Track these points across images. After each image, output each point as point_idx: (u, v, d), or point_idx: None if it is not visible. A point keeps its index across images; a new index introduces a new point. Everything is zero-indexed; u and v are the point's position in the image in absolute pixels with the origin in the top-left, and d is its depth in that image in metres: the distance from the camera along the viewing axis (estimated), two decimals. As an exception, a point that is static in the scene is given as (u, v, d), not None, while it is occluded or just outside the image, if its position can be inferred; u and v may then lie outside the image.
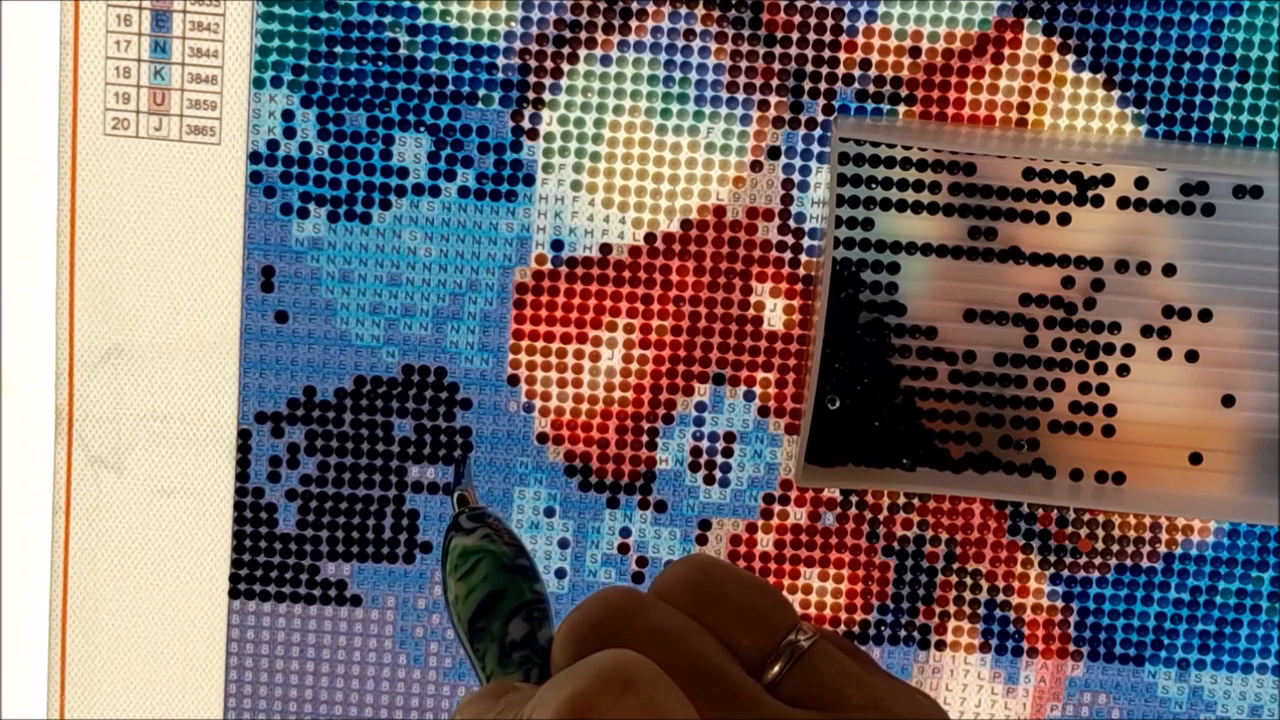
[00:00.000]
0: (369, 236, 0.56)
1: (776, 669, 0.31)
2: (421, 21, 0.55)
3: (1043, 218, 0.55)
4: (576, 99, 0.55)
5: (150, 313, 0.57)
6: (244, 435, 0.57)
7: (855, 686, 0.31)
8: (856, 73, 0.55)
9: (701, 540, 0.58)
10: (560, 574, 0.58)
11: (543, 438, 0.57)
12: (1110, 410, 0.56)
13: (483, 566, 0.37)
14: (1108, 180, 0.55)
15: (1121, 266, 0.55)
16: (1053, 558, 0.58)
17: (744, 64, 0.55)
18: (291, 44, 0.55)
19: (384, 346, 0.57)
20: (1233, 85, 0.55)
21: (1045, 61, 0.54)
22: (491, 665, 0.36)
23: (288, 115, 0.55)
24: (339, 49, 0.55)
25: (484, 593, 0.36)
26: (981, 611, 0.58)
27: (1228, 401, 0.56)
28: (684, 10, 0.54)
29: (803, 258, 0.56)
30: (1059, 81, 0.55)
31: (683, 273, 0.56)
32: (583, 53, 0.55)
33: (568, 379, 0.57)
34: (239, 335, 0.57)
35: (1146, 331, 0.56)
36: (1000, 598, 0.58)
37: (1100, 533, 0.57)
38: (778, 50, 0.55)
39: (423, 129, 0.55)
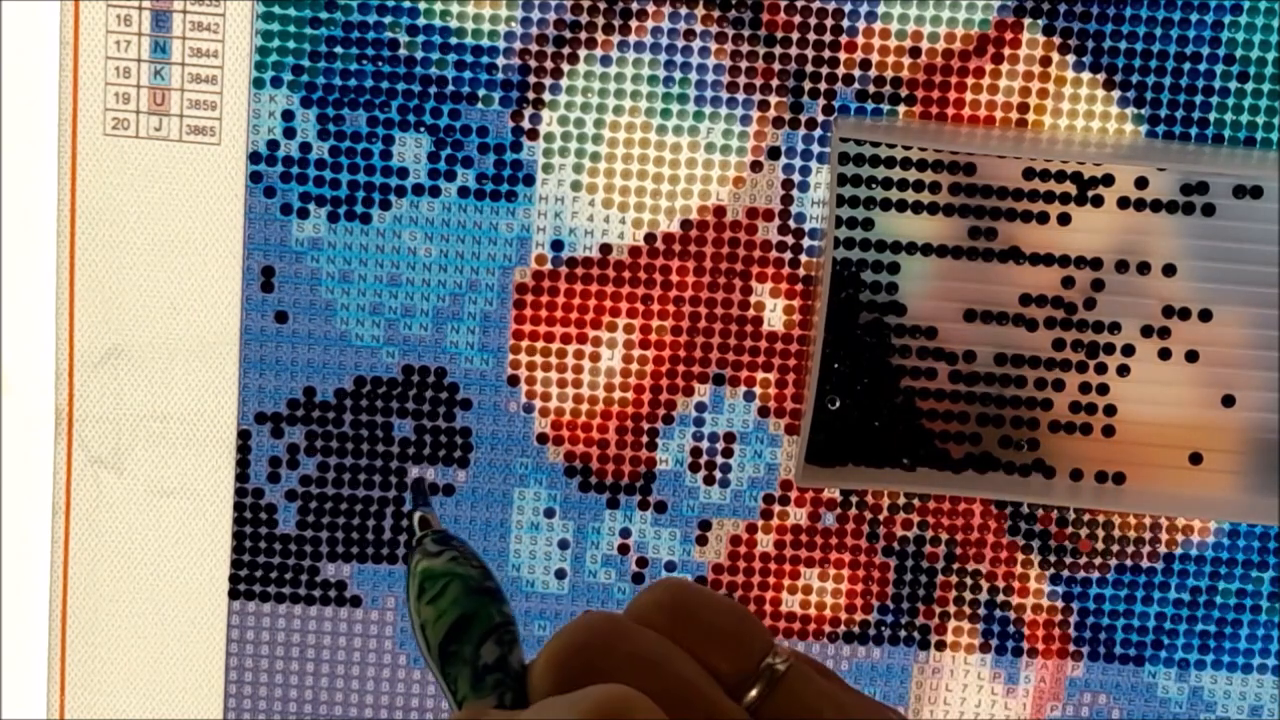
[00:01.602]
0: (369, 236, 0.56)
1: (755, 693, 0.31)
2: (421, 21, 0.55)
3: (1043, 218, 0.55)
4: (576, 99, 0.55)
5: (150, 313, 0.57)
6: (244, 435, 0.57)
7: (832, 708, 0.31)
8: (856, 73, 0.55)
9: (701, 541, 0.58)
10: (560, 574, 0.58)
11: (543, 438, 0.57)
12: (1110, 410, 0.56)
13: (452, 589, 0.37)
14: (1108, 180, 0.55)
15: (1121, 266, 0.55)
16: (1053, 558, 0.58)
17: (744, 64, 0.55)
18: (291, 44, 0.55)
19: (384, 346, 0.57)
20: (1233, 85, 0.55)
21: (1045, 61, 0.54)
22: (464, 689, 0.36)
23: (288, 115, 0.55)
24: (339, 49, 0.55)
25: (454, 616, 0.36)
26: (981, 611, 0.58)
27: (1228, 401, 0.56)
28: (684, 10, 0.54)
29: (803, 258, 0.56)
30: (1059, 81, 0.55)
31: (683, 273, 0.56)
32: (583, 53, 0.55)
33: (568, 379, 0.57)
34: (239, 335, 0.57)
35: (1146, 331, 0.56)
36: (1000, 598, 0.58)
37: (1100, 533, 0.57)
38: (778, 50, 0.55)
39: (423, 129, 0.55)
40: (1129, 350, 0.56)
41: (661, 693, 0.30)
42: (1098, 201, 0.55)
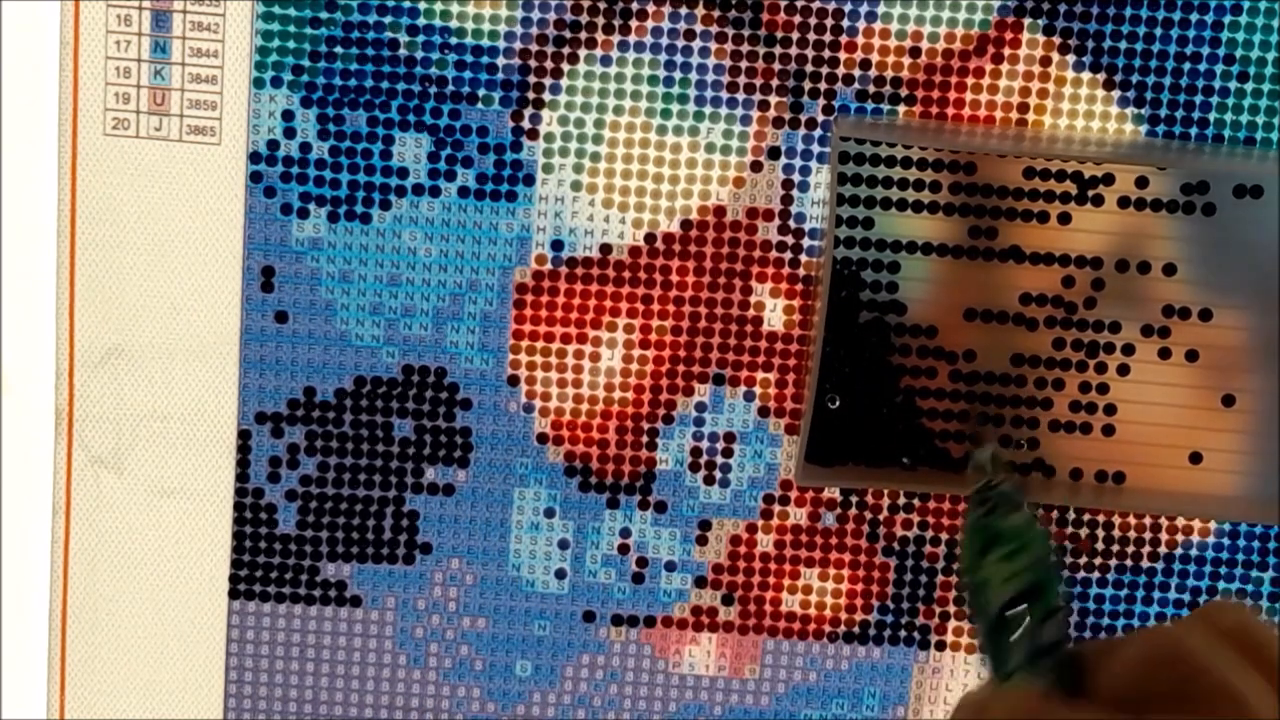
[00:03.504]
0: (369, 236, 0.56)
1: None
2: (421, 21, 0.55)
3: (1043, 218, 0.55)
4: (576, 99, 0.55)
5: (150, 313, 0.57)
6: (244, 435, 0.57)
7: None
8: (856, 73, 0.55)
9: (701, 541, 0.58)
10: (560, 574, 0.58)
11: (543, 438, 0.57)
12: (1110, 410, 0.56)
13: (1029, 553, 0.35)
14: (1108, 180, 0.55)
15: (1121, 266, 0.55)
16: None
17: (744, 64, 0.55)
18: (291, 44, 0.55)
19: (384, 346, 0.57)
20: (1233, 85, 0.55)
21: (1045, 61, 0.54)
22: (1018, 660, 0.34)
23: (288, 115, 0.55)
24: (339, 49, 0.55)
25: (1027, 581, 0.35)
26: (981, 611, 0.58)
27: (1228, 401, 0.56)
28: (684, 10, 0.54)
29: (803, 258, 0.56)
30: (1059, 81, 0.55)
31: (683, 273, 0.56)
32: (583, 53, 0.55)
33: (568, 379, 0.57)
34: (239, 335, 0.57)
35: (1146, 331, 0.56)
36: (1000, 598, 0.58)
37: (1100, 533, 0.57)
38: (778, 50, 0.55)
39: (423, 129, 0.55)
40: (1129, 350, 0.56)
41: None
42: (1098, 201, 0.55)
